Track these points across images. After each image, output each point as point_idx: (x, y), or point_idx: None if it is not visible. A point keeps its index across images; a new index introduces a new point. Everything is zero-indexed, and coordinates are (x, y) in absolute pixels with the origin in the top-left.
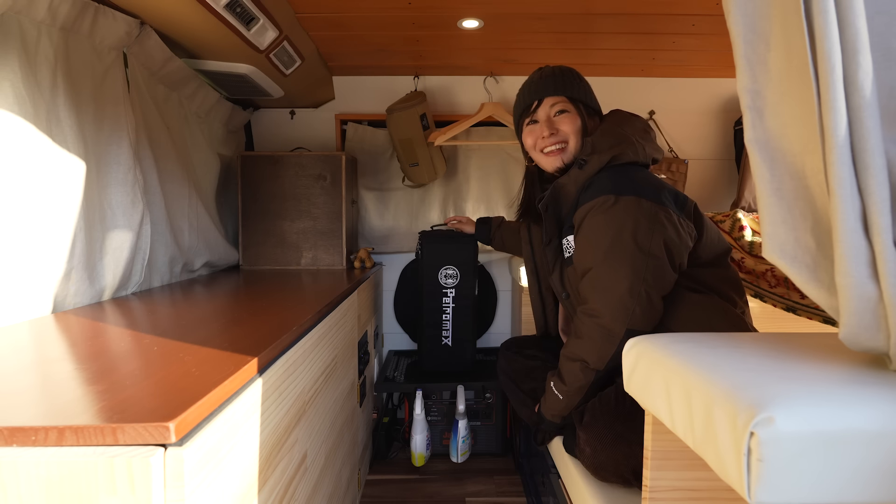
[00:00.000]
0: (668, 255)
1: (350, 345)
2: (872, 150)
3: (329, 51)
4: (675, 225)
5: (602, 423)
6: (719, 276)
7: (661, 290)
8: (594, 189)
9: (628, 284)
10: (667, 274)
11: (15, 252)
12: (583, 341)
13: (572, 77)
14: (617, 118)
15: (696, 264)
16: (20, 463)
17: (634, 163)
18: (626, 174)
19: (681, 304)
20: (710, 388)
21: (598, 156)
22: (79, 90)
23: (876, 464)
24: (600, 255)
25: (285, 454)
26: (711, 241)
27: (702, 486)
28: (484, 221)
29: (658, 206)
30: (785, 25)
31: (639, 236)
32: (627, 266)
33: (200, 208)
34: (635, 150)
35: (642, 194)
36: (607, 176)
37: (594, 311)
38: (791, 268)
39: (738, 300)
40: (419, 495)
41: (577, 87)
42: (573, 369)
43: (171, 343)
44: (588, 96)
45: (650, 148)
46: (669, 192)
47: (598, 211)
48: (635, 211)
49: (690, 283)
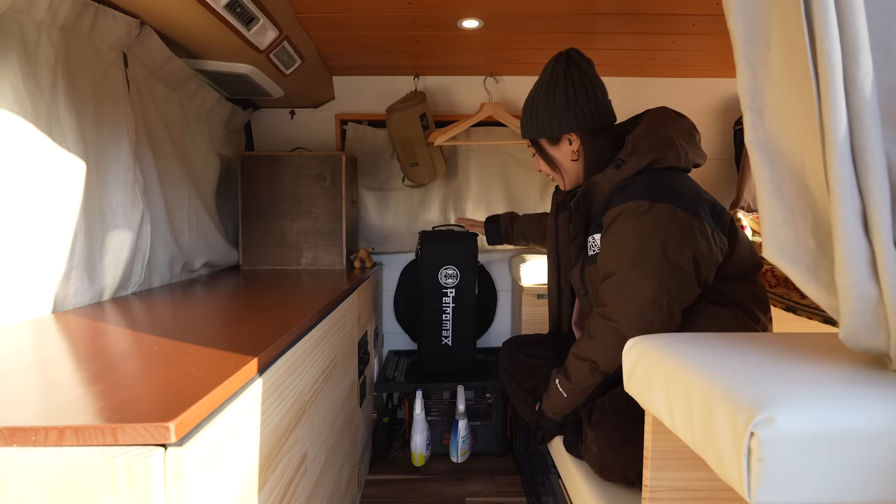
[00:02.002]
0: (695, 270)
1: (350, 345)
2: (872, 150)
3: (329, 51)
4: (709, 239)
5: (611, 424)
6: (744, 292)
7: (682, 304)
8: (629, 192)
9: (652, 295)
10: (691, 288)
11: (15, 252)
12: (595, 343)
13: (530, 114)
14: (662, 117)
15: (721, 278)
16: (20, 463)
17: (675, 167)
18: (665, 180)
19: (700, 315)
20: (710, 388)
21: (638, 157)
22: (79, 90)
23: (876, 464)
24: (626, 261)
25: (285, 454)
26: (742, 256)
27: (702, 486)
28: (493, 220)
29: (693, 217)
30: (785, 25)
31: (669, 247)
32: (653, 276)
33: (200, 208)
34: (677, 154)
35: (679, 203)
36: (644, 180)
37: (612, 315)
38: (791, 268)
39: (762, 317)
40: (419, 495)
41: (532, 125)
42: (581, 369)
43: (171, 343)
44: (542, 127)
45: (693, 153)
46: (707, 202)
47: (630, 215)
48: (669, 220)
49: (713, 295)
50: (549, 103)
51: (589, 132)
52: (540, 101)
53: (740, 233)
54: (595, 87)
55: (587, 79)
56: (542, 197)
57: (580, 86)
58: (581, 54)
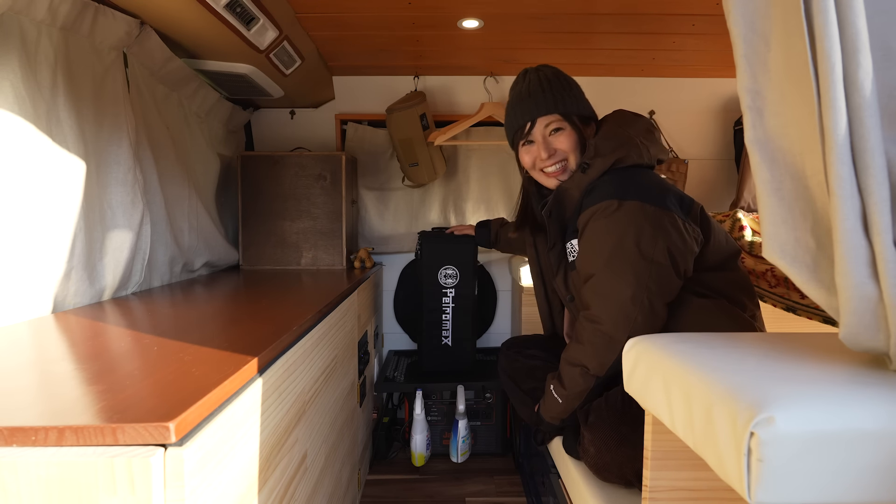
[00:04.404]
0: (672, 262)
1: (350, 345)
2: (872, 150)
3: (329, 51)
4: (681, 230)
5: (608, 425)
6: (728, 280)
7: (664, 298)
8: (597, 193)
9: (631, 292)
10: (671, 281)
11: (15, 252)
12: (584, 347)
13: (561, 88)
14: (620, 119)
15: (702, 268)
16: (20, 463)
17: (639, 165)
18: (630, 177)
19: (687, 309)
20: (710, 389)
21: (602, 159)
22: (79, 90)
23: (876, 464)
24: (602, 262)
25: (285, 454)
26: (719, 244)
27: (702, 486)
28: (484, 225)
29: (663, 210)
30: (785, 25)
31: (642, 243)
32: (630, 273)
33: (200, 208)
34: (639, 152)
35: (646, 199)
36: (610, 180)
37: (595, 317)
38: (791, 268)
39: (749, 303)
40: (419, 495)
41: (567, 99)
42: (573, 374)
43: (171, 343)
44: (579, 104)
45: (654, 149)
46: (675, 195)
47: (600, 216)
48: (638, 216)
49: (697, 287)
50: (576, 86)
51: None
52: (566, 81)
53: (712, 221)
54: None
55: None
56: None
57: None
58: None
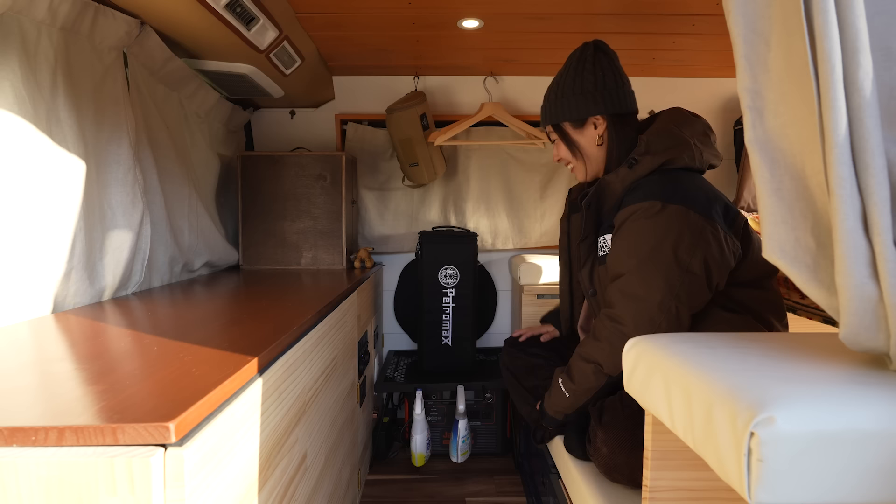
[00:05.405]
0: (706, 274)
1: (350, 345)
2: (872, 150)
3: (329, 51)
4: (721, 242)
5: (623, 427)
6: (758, 298)
7: (691, 308)
8: (642, 192)
9: (660, 297)
10: (702, 292)
11: (15, 252)
12: (601, 344)
13: (555, 98)
14: (676, 117)
15: (734, 283)
16: (20, 463)
17: (689, 168)
18: (679, 181)
19: (710, 321)
20: (710, 389)
21: (652, 157)
22: (79, 90)
23: (876, 464)
24: (635, 263)
25: (285, 454)
26: (755, 260)
27: (702, 486)
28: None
29: (706, 220)
30: (785, 25)
31: (680, 250)
32: (661, 278)
33: (200, 208)
34: (692, 154)
35: (692, 205)
36: (657, 180)
37: (619, 317)
38: (791, 268)
39: (777, 324)
40: (419, 495)
41: (557, 108)
42: (585, 370)
43: (171, 343)
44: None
45: (708, 153)
46: (721, 205)
47: (641, 216)
48: (681, 222)
49: (725, 301)
50: (577, 85)
51: (616, 116)
52: (566, 84)
53: (754, 236)
54: (622, 75)
55: (615, 67)
56: (541, 197)
57: (609, 71)
58: (608, 46)
